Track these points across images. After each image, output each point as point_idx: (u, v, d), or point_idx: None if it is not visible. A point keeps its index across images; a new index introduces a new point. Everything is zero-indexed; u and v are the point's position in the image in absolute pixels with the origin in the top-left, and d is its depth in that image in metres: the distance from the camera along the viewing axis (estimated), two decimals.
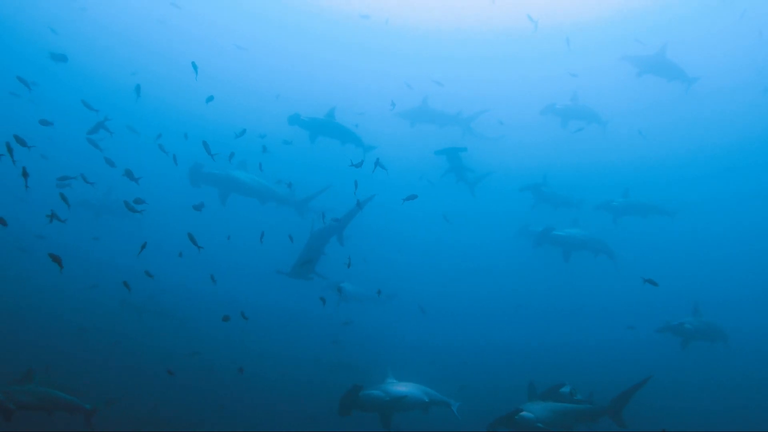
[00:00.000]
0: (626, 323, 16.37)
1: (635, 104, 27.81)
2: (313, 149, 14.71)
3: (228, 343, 16.34)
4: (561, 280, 20.39)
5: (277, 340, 17.61)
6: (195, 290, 18.69)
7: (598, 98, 23.81)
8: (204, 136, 10.64)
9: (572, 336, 19.11)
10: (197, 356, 14.16)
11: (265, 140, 13.26)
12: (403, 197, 10.23)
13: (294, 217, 15.49)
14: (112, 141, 12.33)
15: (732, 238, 25.88)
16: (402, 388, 9.75)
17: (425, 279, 21.62)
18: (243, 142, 12.44)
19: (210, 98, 11.43)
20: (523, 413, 8.49)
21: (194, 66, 10.10)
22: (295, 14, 31.84)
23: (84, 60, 29.26)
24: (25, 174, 6.69)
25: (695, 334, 12.54)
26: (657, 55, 18.79)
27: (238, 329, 15.28)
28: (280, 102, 20.38)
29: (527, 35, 27.13)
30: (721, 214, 28.00)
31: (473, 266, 24.42)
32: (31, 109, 18.29)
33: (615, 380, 12.27)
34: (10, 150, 6.98)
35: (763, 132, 30.61)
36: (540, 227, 15.58)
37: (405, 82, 20.20)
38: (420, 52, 31.39)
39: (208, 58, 29.16)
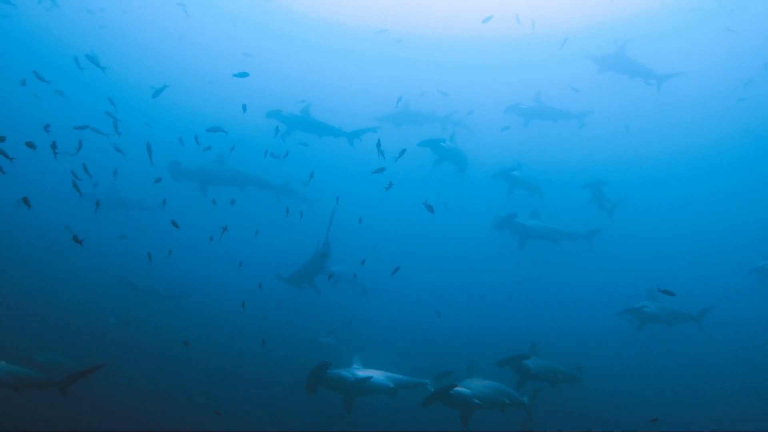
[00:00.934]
0: (597, 309, 17.28)
1: (621, 109, 28.44)
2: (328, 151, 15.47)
3: (231, 326, 16.64)
4: (536, 268, 20.65)
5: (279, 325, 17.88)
6: (206, 276, 19.55)
7: (585, 103, 25.26)
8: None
9: (548, 320, 19.40)
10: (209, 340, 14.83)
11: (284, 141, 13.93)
12: (371, 172, 10.51)
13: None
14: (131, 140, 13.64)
15: (705, 233, 26.24)
16: (369, 372, 9.70)
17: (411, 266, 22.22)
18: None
19: (244, 107, 11.80)
20: (458, 388, 8.63)
21: (242, 75, 10.72)
22: (302, 25, 33.11)
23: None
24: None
25: (653, 317, 13.21)
26: (617, 53, 19.32)
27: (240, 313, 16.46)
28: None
29: (522, 42, 28.38)
30: (697, 211, 28.53)
31: (455, 254, 24.59)
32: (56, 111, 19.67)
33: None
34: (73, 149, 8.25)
35: (736, 136, 31.65)
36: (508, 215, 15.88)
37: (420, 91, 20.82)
38: (425, 59, 32.05)
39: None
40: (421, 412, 9.31)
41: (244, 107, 11.19)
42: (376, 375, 9.73)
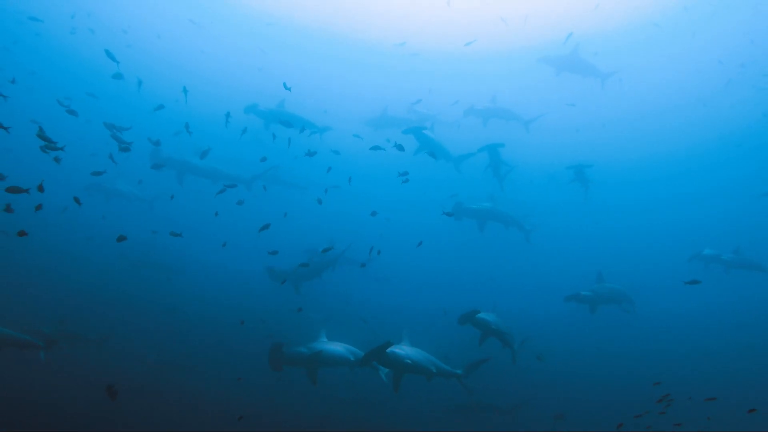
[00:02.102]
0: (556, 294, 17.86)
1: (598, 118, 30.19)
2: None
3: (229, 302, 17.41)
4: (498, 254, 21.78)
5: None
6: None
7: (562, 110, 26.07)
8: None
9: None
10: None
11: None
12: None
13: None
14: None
15: (674, 231, 27.05)
16: (327, 345, 9.70)
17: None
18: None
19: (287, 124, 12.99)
20: (394, 348, 8.67)
21: (286, 86, 11.35)
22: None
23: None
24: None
25: (596, 299, 13.13)
26: (571, 54, 19.74)
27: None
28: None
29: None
30: (667, 210, 29.87)
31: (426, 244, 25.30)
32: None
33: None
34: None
35: (700, 143, 33.26)
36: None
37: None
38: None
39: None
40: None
41: (227, 115, 12.01)
42: (336, 347, 9.77)
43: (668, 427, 10.09)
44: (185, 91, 11.66)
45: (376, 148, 10.97)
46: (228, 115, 12.19)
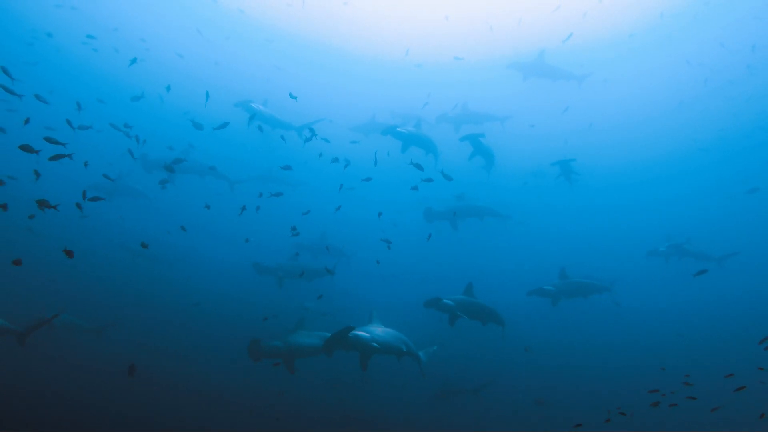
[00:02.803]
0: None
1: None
2: None
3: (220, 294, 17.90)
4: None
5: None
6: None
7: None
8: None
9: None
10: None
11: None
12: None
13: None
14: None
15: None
16: (301, 338, 10.02)
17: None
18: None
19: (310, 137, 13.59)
20: (356, 332, 8.60)
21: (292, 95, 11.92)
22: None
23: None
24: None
25: (558, 294, 13.25)
26: (537, 60, 20.13)
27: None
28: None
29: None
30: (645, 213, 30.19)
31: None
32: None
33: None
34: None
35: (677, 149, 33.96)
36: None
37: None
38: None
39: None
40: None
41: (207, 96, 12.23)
42: (310, 339, 10.00)
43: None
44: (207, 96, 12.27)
45: (428, 180, 11.31)
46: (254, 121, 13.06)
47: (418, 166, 11.09)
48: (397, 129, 14.54)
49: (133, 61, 12.22)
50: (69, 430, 10.57)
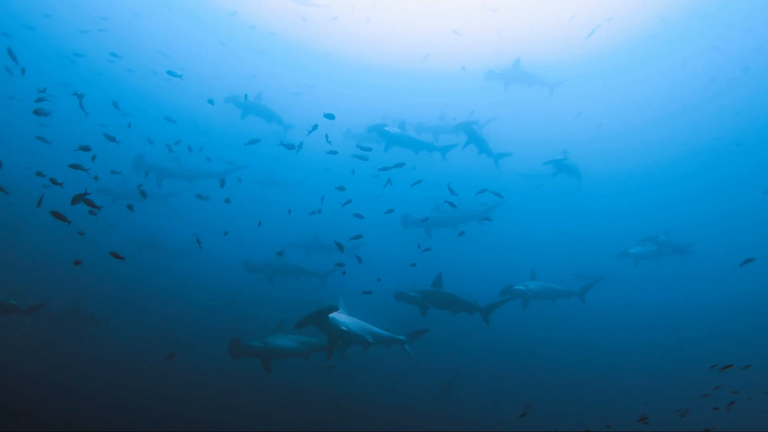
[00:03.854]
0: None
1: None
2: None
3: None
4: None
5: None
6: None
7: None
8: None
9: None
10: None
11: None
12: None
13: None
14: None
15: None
16: (279, 339, 10.19)
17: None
18: None
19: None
20: (336, 315, 8.77)
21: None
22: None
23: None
24: None
25: (527, 294, 13.11)
26: (514, 68, 20.48)
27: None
28: None
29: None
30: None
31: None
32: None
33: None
34: None
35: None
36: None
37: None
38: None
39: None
40: None
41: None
42: (287, 341, 10.21)
43: None
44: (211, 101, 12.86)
45: (418, 182, 12.05)
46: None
47: (385, 169, 11.53)
48: (385, 128, 14.77)
49: (172, 74, 12.72)
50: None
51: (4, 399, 10.48)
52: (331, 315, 8.69)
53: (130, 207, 8.58)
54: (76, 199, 6.88)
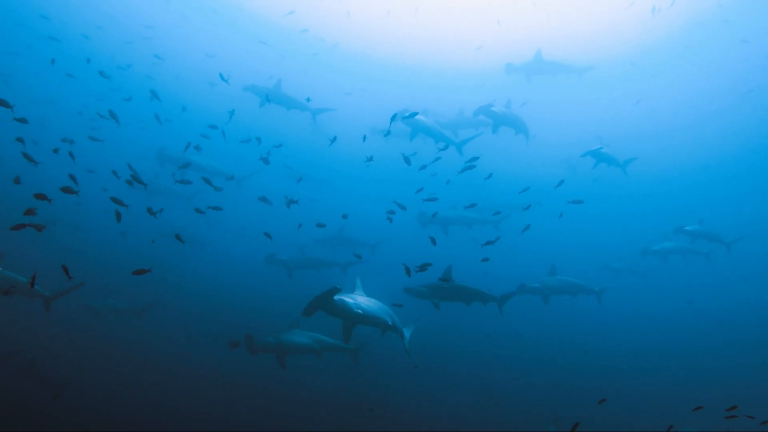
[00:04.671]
0: None
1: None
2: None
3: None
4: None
5: None
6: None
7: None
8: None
9: None
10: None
11: None
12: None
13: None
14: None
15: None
16: (293, 336, 10.23)
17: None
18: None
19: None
20: (344, 296, 8.12)
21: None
22: None
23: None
24: None
25: (545, 290, 13.00)
26: (536, 59, 19.84)
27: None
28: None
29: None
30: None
31: None
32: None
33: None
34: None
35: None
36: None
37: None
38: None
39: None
40: None
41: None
42: (302, 338, 10.24)
43: None
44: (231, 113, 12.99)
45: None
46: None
47: (407, 160, 11.38)
48: (415, 118, 14.42)
49: (223, 78, 12.79)
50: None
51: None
52: (342, 297, 8.04)
53: (150, 211, 8.35)
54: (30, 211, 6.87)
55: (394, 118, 14.52)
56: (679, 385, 15.84)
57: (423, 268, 8.74)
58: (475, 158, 10.76)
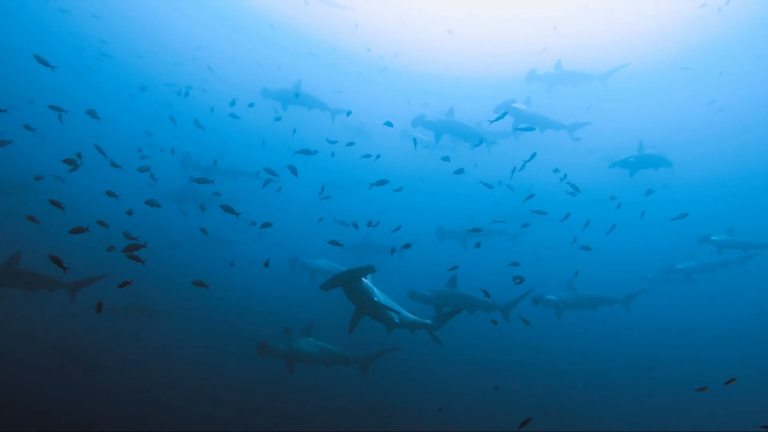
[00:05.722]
0: None
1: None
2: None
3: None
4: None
5: None
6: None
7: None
8: None
9: None
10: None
11: None
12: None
13: None
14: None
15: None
16: (304, 345, 10.34)
17: None
18: None
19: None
20: (370, 284, 8.38)
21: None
22: None
23: None
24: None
25: (561, 304, 12.79)
26: (556, 69, 19.21)
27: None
28: None
29: None
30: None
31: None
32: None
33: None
34: None
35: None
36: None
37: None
38: None
39: None
40: None
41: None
42: (311, 347, 10.39)
43: None
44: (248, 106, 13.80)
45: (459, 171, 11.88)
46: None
47: (447, 159, 11.57)
48: (426, 119, 14.23)
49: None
50: None
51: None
52: (365, 282, 8.11)
53: (184, 212, 8.89)
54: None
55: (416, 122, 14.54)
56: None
57: (406, 246, 9.16)
58: (533, 154, 10.88)
